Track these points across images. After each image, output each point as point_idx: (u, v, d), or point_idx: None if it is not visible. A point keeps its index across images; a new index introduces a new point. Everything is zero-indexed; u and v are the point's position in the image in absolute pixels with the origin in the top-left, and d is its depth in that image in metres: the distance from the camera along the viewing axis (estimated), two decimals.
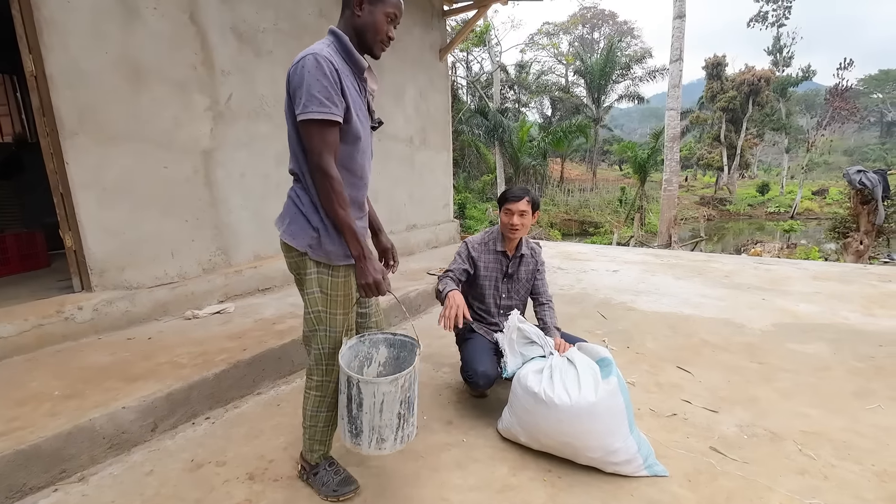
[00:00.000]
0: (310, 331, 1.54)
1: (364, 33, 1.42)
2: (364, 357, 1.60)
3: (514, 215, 2.17)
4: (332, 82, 1.30)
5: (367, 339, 1.59)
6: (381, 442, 1.40)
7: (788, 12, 33.19)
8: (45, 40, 2.49)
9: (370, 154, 1.56)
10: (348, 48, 1.40)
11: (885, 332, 3.11)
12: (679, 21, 10.97)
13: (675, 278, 4.75)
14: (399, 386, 1.36)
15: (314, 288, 1.47)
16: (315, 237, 1.42)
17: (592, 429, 1.66)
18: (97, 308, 2.71)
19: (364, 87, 1.47)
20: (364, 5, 1.39)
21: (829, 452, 1.82)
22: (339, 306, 1.49)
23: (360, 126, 1.42)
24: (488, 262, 2.29)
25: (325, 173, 1.33)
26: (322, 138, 1.32)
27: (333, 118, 1.31)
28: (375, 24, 1.40)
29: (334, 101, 1.31)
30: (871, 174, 6.78)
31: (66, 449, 1.73)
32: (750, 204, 27.22)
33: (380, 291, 1.40)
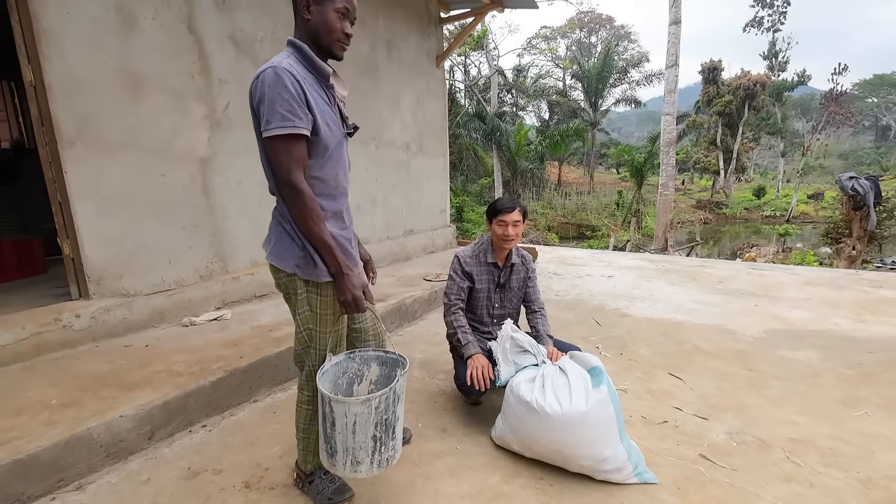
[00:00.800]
0: (302, 349, 1.53)
1: (318, 36, 1.36)
2: (354, 374, 1.59)
3: (509, 226, 2.19)
4: (293, 94, 1.26)
5: (358, 356, 1.58)
6: (356, 464, 1.36)
7: (784, 17, 33.46)
8: (44, 51, 2.52)
9: (345, 162, 1.51)
10: (308, 56, 1.36)
11: (874, 338, 3.15)
12: (675, 27, 11.06)
13: (669, 284, 4.79)
14: (372, 407, 1.31)
15: (304, 307, 1.46)
16: (302, 257, 1.39)
17: (583, 437, 1.69)
18: (95, 316, 2.73)
19: (332, 94, 1.43)
20: (311, 6, 1.35)
21: (815, 460, 1.86)
22: (328, 324, 1.48)
23: (330, 135, 1.38)
24: (480, 273, 2.31)
25: (294, 188, 1.29)
26: (288, 153, 1.28)
27: (298, 131, 1.27)
28: (327, 23, 1.35)
29: (297, 113, 1.27)
30: (862, 181, 6.85)
31: (63, 458, 1.74)
32: (746, 207, 27.34)
33: (358, 308, 1.37)
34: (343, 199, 1.50)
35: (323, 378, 1.47)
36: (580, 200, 23.40)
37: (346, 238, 1.50)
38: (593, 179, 28.64)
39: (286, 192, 1.31)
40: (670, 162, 11.69)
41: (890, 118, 42.66)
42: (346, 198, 1.52)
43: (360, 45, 4.52)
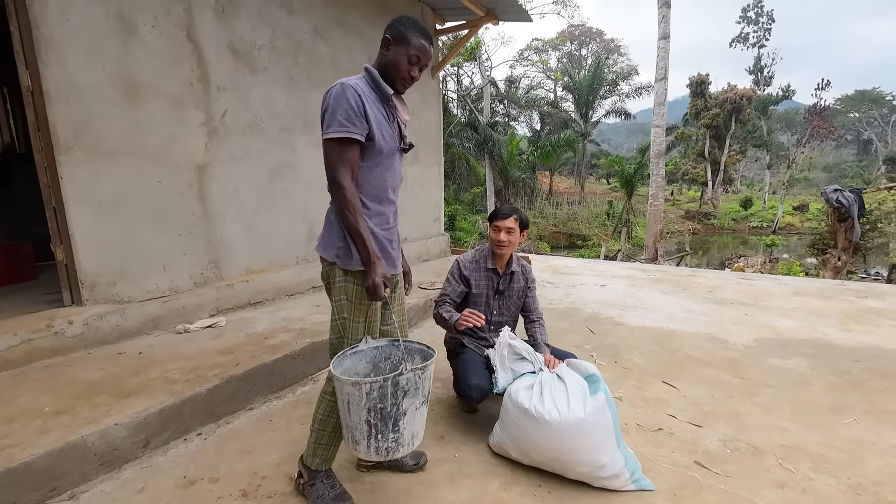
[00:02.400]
0: (336, 337, 1.63)
1: (387, 70, 1.59)
2: (399, 362, 1.62)
3: (502, 232, 2.25)
4: (352, 105, 1.45)
5: (404, 346, 1.63)
6: (355, 443, 1.43)
7: (768, 34, 34.39)
8: (42, 56, 2.52)
9: (395, 173, 1.68)
10: (375, 79, 1.58)
11: (861, 347, 3.22)
12: (664, 42, 11.31)
13: (660, 293, 4.85)
14: (363, 392, 1.35)
15: (341, 296, 1.58)
16: (342, 247, 1.54)
17: (581, 444, 1.71)
18: (87, 322, 2.70)
19: (393, 113, 1.62)
20: (391, 47, 1.57)
21: (807, 466, 1.89)
22: (361, 314, 1.59)
23: (383, 144, 1.55)
24: (479, 279, 2.34)
25: (339, 184, 1.48)
26: (339, 154, 1.48)
27: (351, 136, 1.46)
28: (397, 64, 1.57)
29: (354, 121, 1.46)
30: (847, 193, 7.03)
31: (57, 466, 1.72)
32: (734, 218, 27.79)
33: (377, 294, 1.48)
34: (388, 205, 1.67)
35: (356, 357, 1.55)
36: (571, 210, 23.61)
37: (387, 238, 1.65)
38: (584, 189, 28.93)
39: (333, 188, 1.50)
40: (660, 173, 11.88)
41: (871, 132, 43.78)
42: (392, 204, 1.70)
43: (357, 55, 4.57)
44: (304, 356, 2.74)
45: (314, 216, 4.23)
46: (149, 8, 2.94)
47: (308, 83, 4.07)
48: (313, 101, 4.12)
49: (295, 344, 2.78)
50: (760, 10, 35.06)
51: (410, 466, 1.87)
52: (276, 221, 3.90)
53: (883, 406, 2.39)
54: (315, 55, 4.13)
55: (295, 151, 4.01)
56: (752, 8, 35.40)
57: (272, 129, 3.79)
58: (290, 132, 3.95)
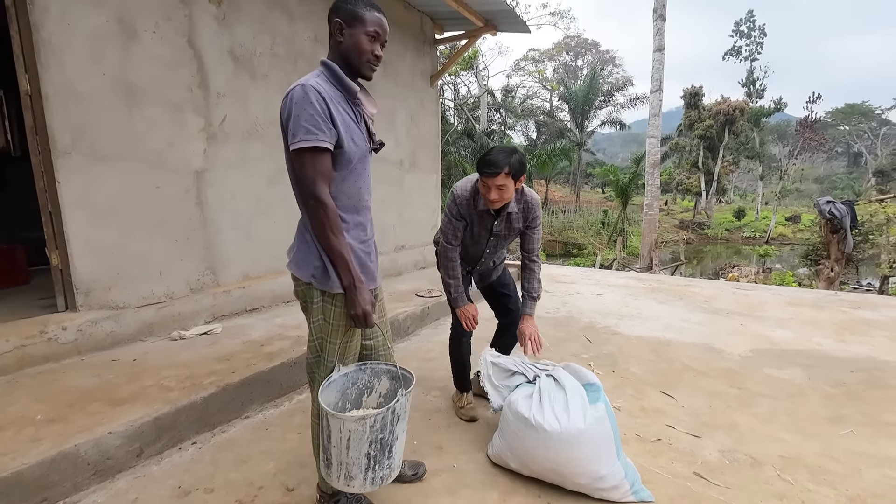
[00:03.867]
0: (314, 357, 1.53)
1: (349, 56, 1.43)
2: (364, 386, 1.59)
3: (492, 190, 1.95)
4: (318, 110, 1.31)
5: (369, 369, 1.58)
6: (349, 479, 1.36)
7: (760, 48, 34.98)
8: (42, 60, 2.51)
9: (368, 177, 1.55)
10: (337, 74, 1.42)
11: (855, 358, 3.24)
12: (658, 54, 11.46)
13: (657, 302, 4.87)
14: (367, 426, 1.30)
15: (318, 316, 1.48)
16: (318, 267, 1.42)
17: (580, 455, 1.70)
18: (81, 328, 2.67)
19: (359, 111, 1.48)
20: (344, 30, 1.42)
21: (805, 477, 1.89)
22: (339, 335, 1.49)
23: (354, 149, 1.42)
24: (473, 218, 2.14)
25: (317, 200, 1.34)
26: (312, 166, 1.33)
27: (321, 145, 1.31)
28: (358, 45, 1.42)
29: (321, 128, 1.31)
30: (839, 205, 7.13)
31: (48, 476, 1.69)
32: (727, 228, 28.04)
33: (367, 322, 1.40)
34: (365, 213, 1.55)
35: (329, 388, 1.46)
36: (567, 219, 23.73)
37: (364, 251, 1.53)
38: (579, 198, 29.10)
39: (309, 204, 1.35)
40: (655, 183, 11.97)
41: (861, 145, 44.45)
42: (368, 211, 1.57)
43: None
44: (300, 364, 2.72)
45: None
46: (150, 14, 2.94)
47: None
48: None
49: (291, 351, 2.76)
50: (753, 25, 35.69)
51: (409, 477, 1.84)
52: (273, 227, 3.88)
53: (879, 417, 2.40)
54: (315, 62, 4.13)
55: None
56: (744, 22, 36.03)
57: (271, 134, 3.79)
58: None
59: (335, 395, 1.51)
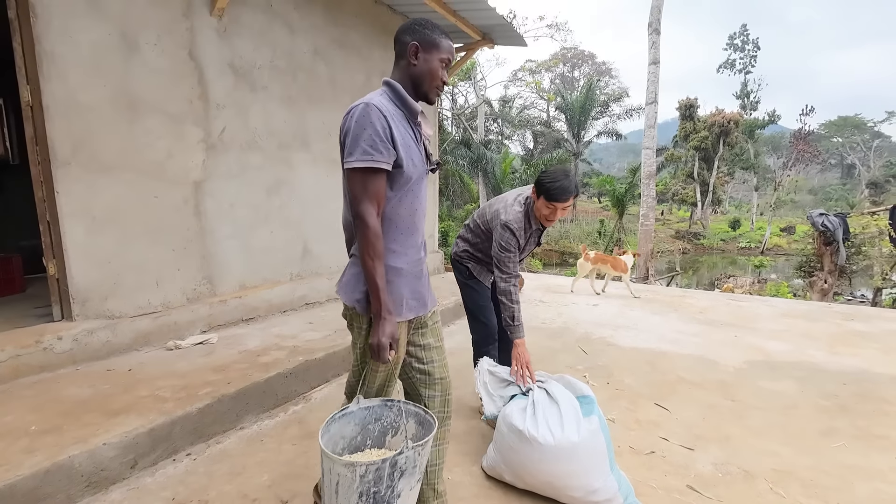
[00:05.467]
0: (355, 381, 1.49)
1: (421, 81, 1.44)
2: (389, 424, 1.45)
3: (558, 211, 2.10)
4: (378, 130, 1.29)
5: (396, 406, 1.44)
6: None
7: (754, 61, 35.51)
8: (44, 72, 2.54)
9: (424, 198, 1.52)
10: (402, 95, 1.42)
11: (848, 370, 3.27)
12: (654, 66, 11.61)
13: (652, 313, 4.90)
14: (357, 475, 1.15)
15: (364, 343, 1.44)
16: (365, 292, 1.38)
17: (574, 468, 1.71)
18: (77, 338, 2.67)
19: (419, 132, 1.47)
20: (419, 54, 1.42)
21: (797, 490, 1.91)
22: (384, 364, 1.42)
23: (412, 170, 1.40)
24: (526, 237, 2.27)
25: (363, 221, 1.31)
26: (364, 186, 1.31)
27: (377, 165, 1.29)
28: (431, 71, 1.43)
29: (379, 148, 1.29)
30: (832, 217, 7.21)
31: (42, 488, 1.68)
32: (722, 239, 28.18)
33: (379, 356, 1.32)
34: (419, 235, 1.53)
35: (344, 420, 1.39)
36: (563, 228, 23.80)
37: (416, 273, 1.49)
38: (576, 208, 29.24)
39: (356, 223, 1.33)
40: (650, 193, 12.06)
41: (854, 157, 44.97)
42: (421, 234, 1.55)
43: (356, 75, 4.65)
44: (296, 374, 2.73)
45: (309, 233, 4.24)
46: (152, 27, 2.98)
47: (307, 102, 4.12)
48: (312, 119, 4.17)
49: (287, 362, 2.77)
50: (746, 38, 36.25)
51: None
52: (270, 238, 3.90)
53: (870, 430, 2.42)
54: (314, 75, 4.19)
55: (292, 168, 4.04)
56: (738, 36, 36.59)
57: (270, 146, 3.83)
58: (287, 149, 3.98)
59: (353, 429, 1.40)
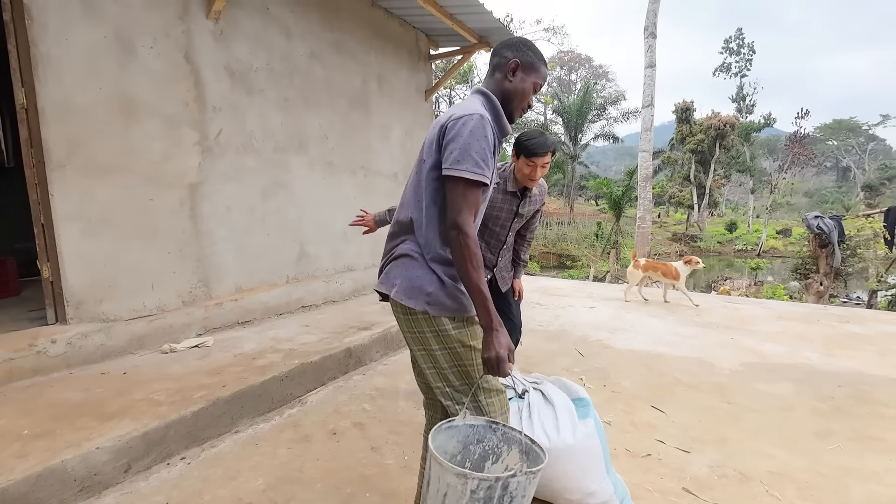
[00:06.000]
0: (461, 384, 1.38)
1: (511, 100, 1.43)
2: (492, 449, 1.36)
3: (538, 168, 2.16)
4: (490, 144, 1.30)
5: (501, 431, 1.35)
6: None
7: (750, 64, 35.72)
8: (39, 75, 2.54)
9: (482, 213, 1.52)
10: (498, 112, 1.40)
11: (843, 372, 3.28)
12: (650, 70, 11.67)
13: (649, 316, 4.90)
14: (468, 489, 1.09)
15: (454, 343, 1.35)
16: (432, 293, 1.33)
17: (570, 471, 1.71)
18: (71, 341, 2.65)
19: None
20: (518, 73, 1.41)
21: (793, 493, 1.91)
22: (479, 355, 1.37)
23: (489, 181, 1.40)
24: (499, 200, 2.30)
25: (463, 231, 1.26)
26: (466, 196, 1.28)
27: (484, 180, 1.29)
28: (523, 91, 1.42)
29: (488, 163, 1.30)
30: (827, 220, 7.25)
31: (34, 492, 1.67)
32: (719, 241, 28.30)
33: (500, 371, 1.25)
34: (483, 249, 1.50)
35: (450, 432, 1.32)
36: (560, 231, 23.86)
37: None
38: (573, 210, 29.31)
39: (452, 234, 1.28)
40: (647, 196, 12.11)
41: (849, 160, 45.27)
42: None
43: (352, 78, 4.66)
44: (292, 377, 2.72)
45: (305, 235, 4.23)
46: (148, 30, 2.98)
47: (303, 104, 4.12)
48: (308, 122, 4.17)
49: (283, 365, 2.76)
50: (742, 42, 36.46)
51: None
52: (267, 240, 3.89)
53: (866, 432, 2.43)
54: (311, 77, 4.20)
55: (288, 171, 4.04)
56: (733, 39, 36.81)
57: (266, 149, 3.83)
58: (284, 152, 3.98)
59: (455, 445, 1.33)
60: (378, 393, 2.87)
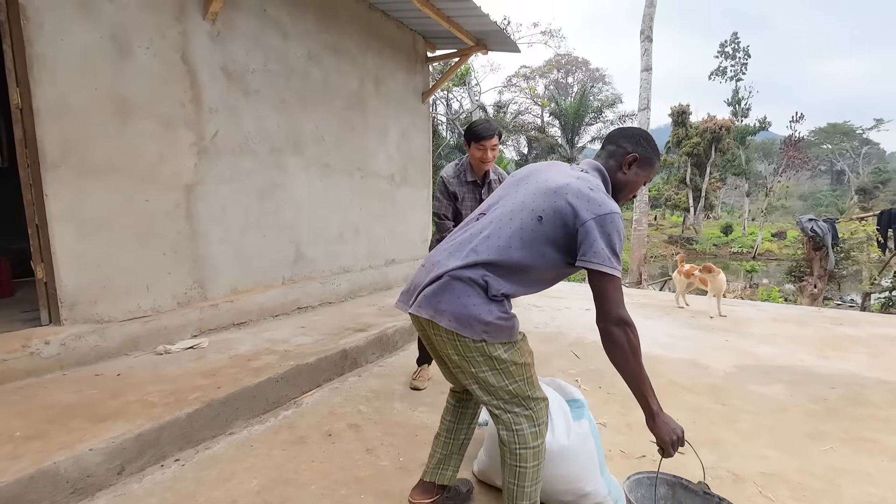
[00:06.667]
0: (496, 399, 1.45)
1: (621, 190, 1.49)
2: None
3: (487, 150, 2.47)
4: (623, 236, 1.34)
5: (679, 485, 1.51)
6: None
7: (745, 68, 36.00)
8: (34, 75, 2.53)
9: None
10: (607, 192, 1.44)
11: (836, 374, 3.30)
12: (646, 73, 11.74)
13: (644, 318, 4.92)
14: None
15: (505, 364, 1.41)
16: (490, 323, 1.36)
17: (564, 472, 1.71)
18: (65, 343, 2.64)
19: None
20: (633, 167, 1.47)
21: (786, 494, 1.92)
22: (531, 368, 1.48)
23: None
24: (464, 192, 2.64)
25: (629, 324, 1.33)
26: (617, 289, 1.32)
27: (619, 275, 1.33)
28: (635, 185, 1.48)
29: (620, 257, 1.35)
30: (821, 223, 7.31)
31: (26, 494, 1.66)
32: (715, 244, 28.46)
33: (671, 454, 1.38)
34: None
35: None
36: None
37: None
38: None
39: (618, 331, 1.33)
40: (643, 199, 12.17)
41: (843, 164, 45.61)
42: None
43: (349, 80, 4.66)
44: (287, 379, 2.71)
45: (301, 237, 4.23)
46: (144, 30, 2.98)
47: (300, 106, 4.13)
48: (305, 123, 4.17)
49: (278, 366, 2.75)
50: (737, 46, 36.76)
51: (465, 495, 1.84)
52: (263, 241, 3.89)
53: (858, 434, 2.44)
54: (308, 79, 4.20)
55: (285, 172, 4.03)
56: (729, 44, 37.11)
57: (262, 150, 3.82)
58: (280, 153, 3.98)
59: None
60: (373, 395, 2.86)
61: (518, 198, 1.43)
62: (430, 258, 1.53)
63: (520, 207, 1.40)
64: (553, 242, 1.36)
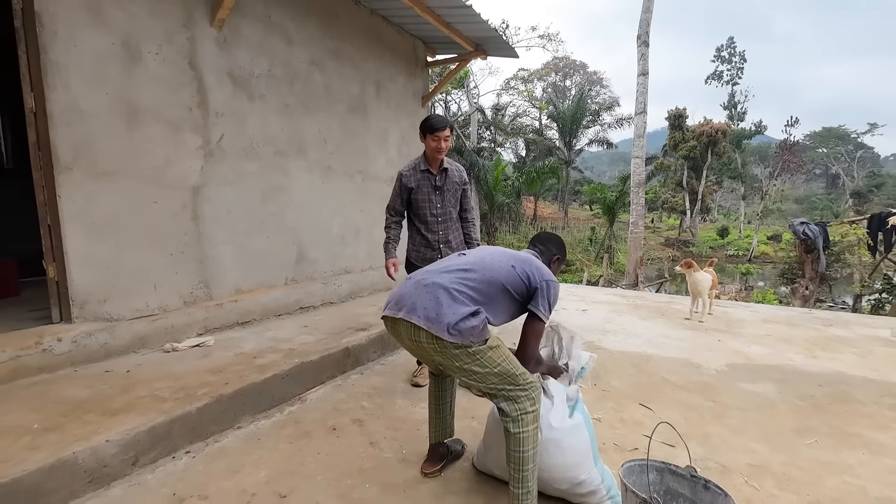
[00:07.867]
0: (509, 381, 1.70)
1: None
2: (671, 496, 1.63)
3: (441, 140, 2.74)
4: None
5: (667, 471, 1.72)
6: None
7: (741, 72, 36.28)
8: (48, 81, 2.61)
9: None
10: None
11: (824, 373, 3.40)
12: (643, 77, 11.88)
13: (640, 319, 5.02)
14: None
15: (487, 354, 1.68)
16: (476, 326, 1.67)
17: (560, 462, 1.80)
18: (76, 340, 2.71)
19: None
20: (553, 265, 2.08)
21: (771, 484, 2.01)
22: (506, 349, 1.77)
23: None
24: (419, 180, 2.86)
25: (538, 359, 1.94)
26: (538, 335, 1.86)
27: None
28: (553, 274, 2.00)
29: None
30: (812, 226, 7.43)
31: (46, 483, 1.74)
32: (711, 246, 28.63)
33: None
34: None
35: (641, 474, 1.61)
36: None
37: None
38: (567, 215, 29.54)
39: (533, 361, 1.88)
40: (640, 202, 12.29)
41: (838, 167, 45.97)
42: None
43: (351, 84, 4.76)
44: (292, 376, 2.79)
45: (304, 238, 4.31)
46: (154, 37, 3.07)
47: (303, 110, 4.22)
48: (307, 126, 4.26)
49: (283, 364, 2.83)
50: (733, 51, 37.06)
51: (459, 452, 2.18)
52: (266, 243, 3.97)
53: (843, 428, 2.54)
54: (310, 84, 4.29)
55: (287, 175, 4.12)
56: (725, 48, 37.40)
57: (266, 153, 3.91)
58: (283, 156, 4.07)
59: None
60: (375, 391, 2.95)
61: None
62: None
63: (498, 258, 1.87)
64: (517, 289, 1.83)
